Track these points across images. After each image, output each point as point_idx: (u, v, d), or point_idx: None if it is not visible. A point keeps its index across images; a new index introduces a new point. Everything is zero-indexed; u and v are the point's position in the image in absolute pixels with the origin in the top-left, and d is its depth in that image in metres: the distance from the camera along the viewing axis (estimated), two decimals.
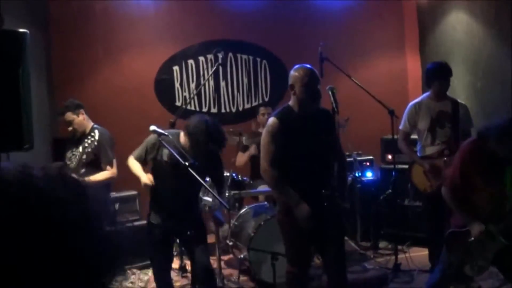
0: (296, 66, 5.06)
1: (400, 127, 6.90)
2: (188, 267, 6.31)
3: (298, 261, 5.10)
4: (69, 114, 6.23)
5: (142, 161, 5.38)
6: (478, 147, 4.88)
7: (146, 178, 5.22)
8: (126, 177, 5.84)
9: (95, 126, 6.34)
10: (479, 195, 4.86)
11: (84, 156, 6.05)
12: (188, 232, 5.23)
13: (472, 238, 4.82)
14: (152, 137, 5.34)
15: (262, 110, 8.32)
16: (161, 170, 5.31)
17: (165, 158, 5.27)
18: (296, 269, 5.07)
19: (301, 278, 5.14)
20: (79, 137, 6.25)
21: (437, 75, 6.65)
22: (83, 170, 6.08)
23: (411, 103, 6.88)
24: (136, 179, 5.28)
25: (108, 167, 6.14)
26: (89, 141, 6.07)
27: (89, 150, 6.09)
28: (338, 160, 5.20)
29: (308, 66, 5.03)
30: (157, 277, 5.58)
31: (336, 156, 5.19)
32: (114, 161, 6.22)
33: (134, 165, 5.35)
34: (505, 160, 4.75)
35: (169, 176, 5.26)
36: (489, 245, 4.78)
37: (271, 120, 4.97)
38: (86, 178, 5.97)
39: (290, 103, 5.08)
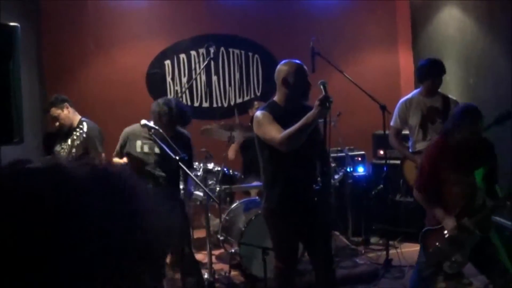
0: (285, 61, 4.99)
1: (391, 123, 6.91)
2: None
3: (286, 256, 5.08)
4: (54, 109, 6.22)
5: (122, 157, 5.66)
6: (442, 143, 5.03)
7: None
8: None
9: (83, 119, 6.31)
10: (450, 191, 4.93)
11: (74, 150, 6.02)
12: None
13: (447, 234, 4.85)
14: (124, 131, 5.55)
15: (256, 104, 8.21)
16: (135, 162, 5.43)
17: (138, 149, 5.43)
18: (284, 264, 5.05)
19: (289, 273, 5.13)
20: (67, 131, 6.22)
21: (430, 72, 6.64)
22: None
23: (401, 100, 6.90)
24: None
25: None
26: (78, 134, 6.01)
27: (78, 143, 6.04)
28: (321, 156, 5.15)
29: (297, 60, 5.00)
30: None
31: (319, 152, 5.15)
32: (103, 155, 6.20)
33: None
34: (471, 149, 4.86)
35: (145, 167, 5.37)
36: (465, 239, 4.82)
37: (260, 112, 4.89)
38: None
39: (276, 98, 5.03)
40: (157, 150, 5.44)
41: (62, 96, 6.34)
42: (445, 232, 4.88)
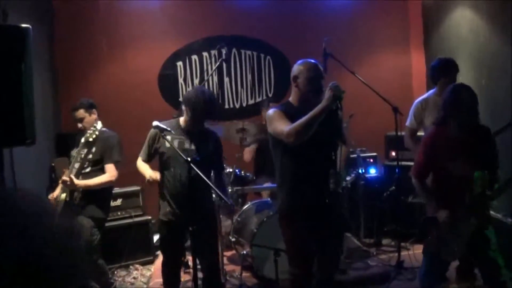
0: (301, 60, 4.98)
1: (407, 123, 6.86)
2: (191, 263, 6.27)
3: (301, 261, 4.90)
4: (82, 111, 6.25)
5: (150, 158, 5.48)
6: (438, 131, 5.01)
7: (150, 173, 5.24)
8: (129, 173, 5.84)
9: (103, 129, 6.27)
10: (447, 179, 4.89)
11: (90, 156, 6.03)
12: (195, 227, 5.12)
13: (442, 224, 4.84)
14: (151, 131, 5.40)
15: (270, 104, 8.14)
16: (166, 161, 5.34)
17: (165, 149, 5.30)
18: (300, 270, 4.88)
19: (306, 279, 4.93)
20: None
21: (442, 72, 6.60)
22: (88, 169, 6.07)
23: (417, 100, 6.84)
24: (142, 176, 5.30)
25: (109, 166, 6.10)
26: (91, 133, 5.99)
27: (93, 150, 6.06)
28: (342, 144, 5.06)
29: (313, 60, 4.99)
30: (166, 271, 5.54)
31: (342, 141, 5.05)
32: (114, 164, 6.15)
33: (141, 165, 5.44)
34: (467, 136, 4.86)
35: (176, 167, 5.28)
36: (462, 228, 4.78)
37: (272, 110, 4.86)
38: (83, 182, 5.92)
39: (290, 99, 5.00)
40: (187, 145, 5.34)
41: (93, 102, 6.39)
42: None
